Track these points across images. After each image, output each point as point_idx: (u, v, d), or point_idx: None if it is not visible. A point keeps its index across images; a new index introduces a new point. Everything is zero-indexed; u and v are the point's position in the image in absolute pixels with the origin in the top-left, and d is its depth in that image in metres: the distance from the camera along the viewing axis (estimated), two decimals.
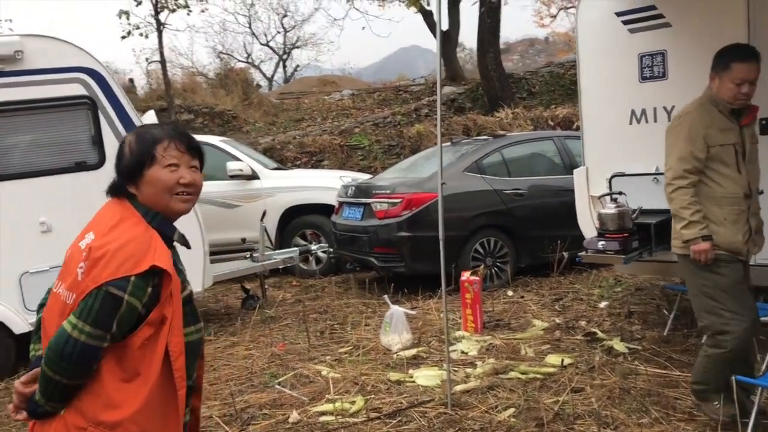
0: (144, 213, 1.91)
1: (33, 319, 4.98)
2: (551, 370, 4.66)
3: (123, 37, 16.18)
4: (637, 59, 5.24)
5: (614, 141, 5.45)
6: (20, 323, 5.23)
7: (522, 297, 6.75)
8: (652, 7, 5.14)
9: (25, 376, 1.90)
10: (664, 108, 5.14)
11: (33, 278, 5.19)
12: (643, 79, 5.24)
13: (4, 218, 5.21)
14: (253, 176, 8.51)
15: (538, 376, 4.56)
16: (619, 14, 5.32)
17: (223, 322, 6.69)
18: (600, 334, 5.33)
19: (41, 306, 2.04)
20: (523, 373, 4.62)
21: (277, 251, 7.52)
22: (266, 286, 7.63)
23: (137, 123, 5.63)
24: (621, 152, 5.39)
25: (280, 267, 7.29)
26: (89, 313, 1.76)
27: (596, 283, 6.89)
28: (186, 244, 2.03)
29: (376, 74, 37.34)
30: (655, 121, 5.19)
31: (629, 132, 5.33)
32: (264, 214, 7.30)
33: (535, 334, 5.52)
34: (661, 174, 5.10)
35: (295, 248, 7.66)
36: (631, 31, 5.28)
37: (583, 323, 5.70)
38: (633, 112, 5.31)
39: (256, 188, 8.49)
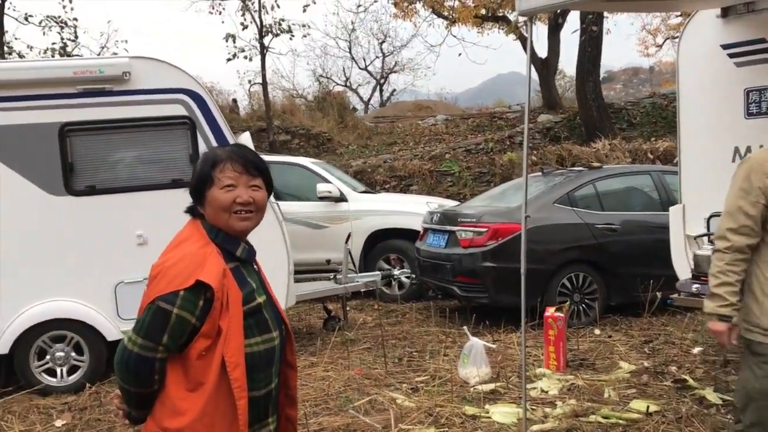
0: (208, 231, 2.00)
1: (125, 327, 5.22)
2: (635, 416, 4.43)
3: (228, 60, 16.85)
4: (743, 94, 4.98)
5: (715, 179, 5.16)
6: (113, 331, 5.48)
7: (609, 336, 6.48)
8: (762, 40, 4.88)
9: None
10: None
11: (127, 288, 5.43)
12: (749, 115, 4.96)
13: (105, 229, 5.49)
14: (341, 198, 8.63)
15: (621, 422, 4.35)
16: (725, 47, 5.08)
17: (304, 342, 6.77)
18: (691, 382, 5.03)
19: None
20: (604, 418, 4.42)
21: (360, 274, 7.57)
22: (348, 308, 7.69)
23: (232, 143, 5.83)
24: (721, 191, 5.07)
25: (362, 290, 7.33)
26: (141, 327, 1.89)
27: (691, 327, 6.52)
28: (250, 258, 2.07)
29: (472, 100, 37.26)
30: None
31: (731, 170, 5.02)
32: (349, 236, 7.37)
33: (621, 377, 5.27)
34: None
35: (378, 272, 7.69)
36: (738, 64, 5.03)
37: (673, 369, 5.40)
38: (737, 150, 5.03)
39: (344, 210, 8.60)
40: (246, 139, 6.75)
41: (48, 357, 5.51)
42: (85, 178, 5.56)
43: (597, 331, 6.64)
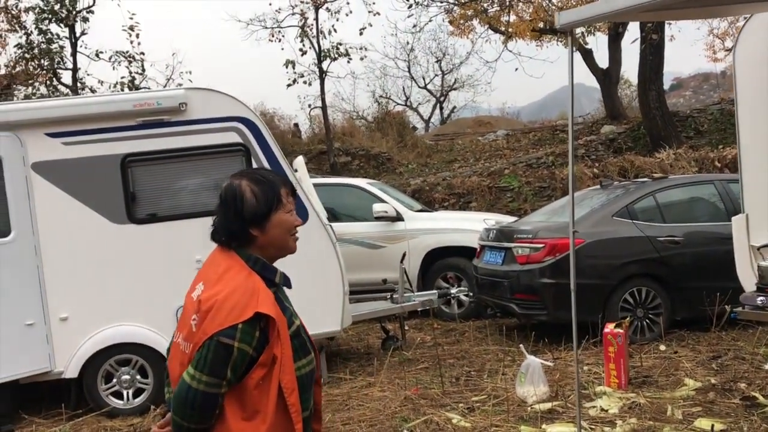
0: (246, 259, 2.03)
1: None
2: None
3: (288, 85, 17.25)
4: None
5: None
6: None
7: (675, 352, 6.26)
8: None
9: (162, 421, 2.10)
10: None
11: None
12: None
13: (165, 255, 5.68)
14: (398, 218, 8.66)
15: None
16: None
17: (362, 362, 6.81)
18: (761, 399, 4.81)
19: (167, 351, 2.21)
20: None
21: (416, 293, 7.56)
22: (406, 328, 7.69)
23: (286, 169, 5.97)
24: None
25: (420, 309, 7.32)
26: (205, 364, 1.90)
27: (762, 342, 6.24)
28: (288, 284, 2.12)
29: (536, 113, 36.86)
30: None
31: None
32: (404, 255, 7.39)
33: (686, 395, 5.08)
34: None
35: (435, 291, 7.67)
36: None
37: (742, 386, 5.17)
38: None
39: (400, 230, 8.63)
40: (300, 163, 6.90)
41: (114, 380, 5.72)
42: (146, 206, 5.78)
43: (662, 347, 6.42)
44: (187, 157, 5.80)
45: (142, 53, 17.00)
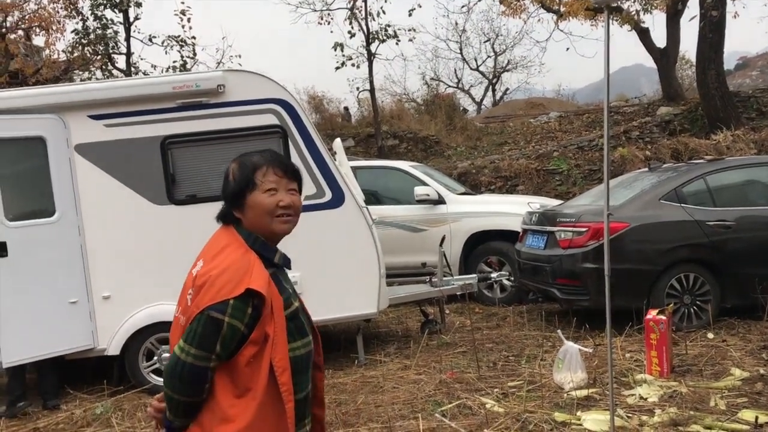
0: (246, 237, 2.02)
1: None
2: (742, 427, 4.10)
3: (337, 68, 17.25)
4: None
5: None
6: None
7: (724, 341, 6.03)
8: None
9: (159, 395, 2.09)
10: None
11: None
12: None
13: (205, 235, 5.74)
14: (440, 201, 8.58)
15: None
16: None
17: (399, 345, 6.79)
18: None
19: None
20: (706, 428, 4.11)
21: (456, 277, 7.49)
22: (448, 312, 7.63)
23: (323, 151, 5.96)
24: None
25: (459, 293, 7.25)
26: (194, 337, 1.90)
27: None
28: (288, 265, 2.10)
29: (593, 95, 35.99)
30: None
31: None
32: (443, 239, 7.30)
33: (732, 384, 4.89)
34: None
35: (474, 275, 7.58)
36: None
37: None
38: None
39: (442, 213, 8.55)
40: (338, 145, 6.89)
41: (155, 358, 5.85)
42: (186, 187, 5.86)
43: (710, 335, 6.19)
44: (225, 139, 5.84)
45: (194, 37, 17.29)
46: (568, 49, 19.10)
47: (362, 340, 6.36)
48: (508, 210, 8.47)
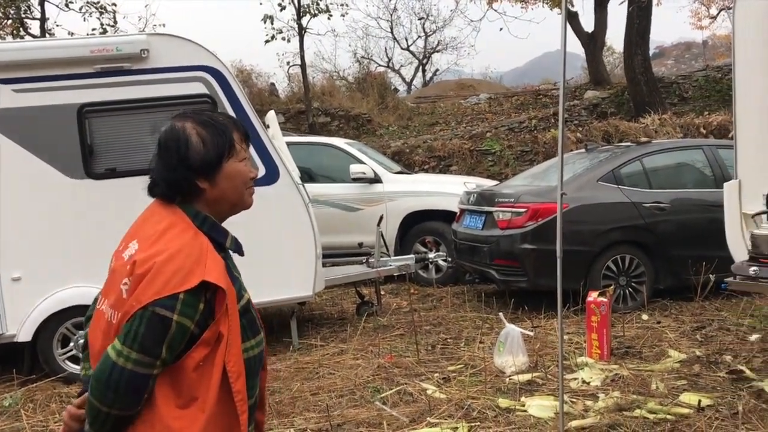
0: (193, 216, 1.71)
1: None
2: (685, 411, 4.07)
3: (267, 41, 16.67)
4: None
5: None
6: None
7: (658, 322, 6.07)
8: None
9: (78, 400, 1.75)
10: None
11: None
12: None
13: (126, 213, 5.30)
14: (376, 179, 8.35)
15: (669, 417, 3.99)
16: None
17: (335, 328, 6.55)
18: (748, 373, 4.62)
19: (88, 319, 1.88)
20: (651, 412, 4.06)
21: (393, 258, 7.29)
22: (382, 293, 7.44)
23: (256, 123, 5.61)
24: None
25: (396, 274, 7.06)
26: (135, 338, 1.57)
27: (748, 312, 6.07)
28: (240, 250, 1.81)
29: (519, 78, 36.48)
30: None
31: None
32: (381, 219, 7.09)
33: (670, 367, 4.89)
34: None
35: (412, 256, 7.40)
36: None
37: (728, 358, 4.99)
38: None
39: (378, 192, 8.32)
40: (272, 118, 6.54)
41: (72, 344, 5.41)
42: (105, 160, 5.42)
43: (645, 317, 6.23)
44: (149, 108, 5.41)
45: (114, 4, 16.33)
46: (501, 29, 19.09)
47: (296, 323, 6.09)
48: (445, 190, 8.33)
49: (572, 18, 17.82)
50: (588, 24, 18.31)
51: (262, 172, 5.56)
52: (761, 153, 4.81)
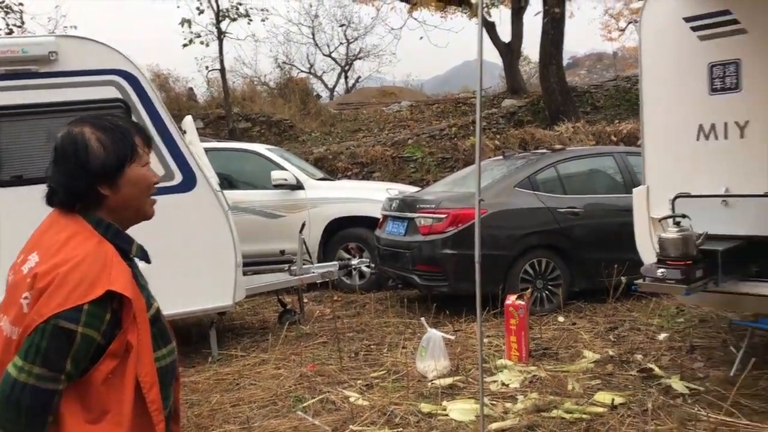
0: (96, 224, 1.64)
1: None
2: (600, 410, 4.20)
3: (185, 45, 16.30)
4: (707, 69, 4.75)
5: (679, 158, 4.96)
6: None
7: (574, 324, 6.27)
8: (727, 12, 4.65)
9: None
10: (736, 123, 4.63)
11: None
12: (714, 91, 4.74)
13: (34, 222, 5.08)
14: (298, 186, 8.28)
15: (585, 416, 4.11)
16: (688, 20, 4.84)
17: (256, 337, 6.44)
18: (657, 371, 4.83)
19: None
20: (567, 412, 4.18)
21: (316, 265, 7.24)
22: (306, 301, 7.38)
23: (172, 129, 5.46)
24: (686, 171, 4.90)
25: (319, 281, 7.01)
26: (37, 353, 1.49)
27: (656, 312, 6.35)
28: (146, 258, 1.75)
29: (440, 87, 36.97)
30: (726, 137, 4.68)
31: (696, 149, 4.83)
32: (303, 225, 7.02)
33: (585, 367, 5.05)
34: (731, 196, 4.61)
35: (335, 262, 7.37)
36: (702, 38, 4.79)
37: (639, 357, 5.20)
38: (701, 127, 4.81)
39: (300, 198, 8.25)
40: (189, 123, 6.39)
41: None
42: (11, 167, 5.15)
43: (561, 319, 6.42)
44: (58, 112, 5.14)
45: (21, 4, 15.60)
46: (422, 37, 19.37)
47: (216, 334, 5.95)
48: (368, 196, 8.34)
49: (490, 28, 18.25)
50: (505, 34, 18.80)
51: (178, 178, 5.42)
52: (667, 160, 5.05)
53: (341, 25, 29.30)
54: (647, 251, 5.00)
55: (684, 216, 4.52)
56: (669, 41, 4.98)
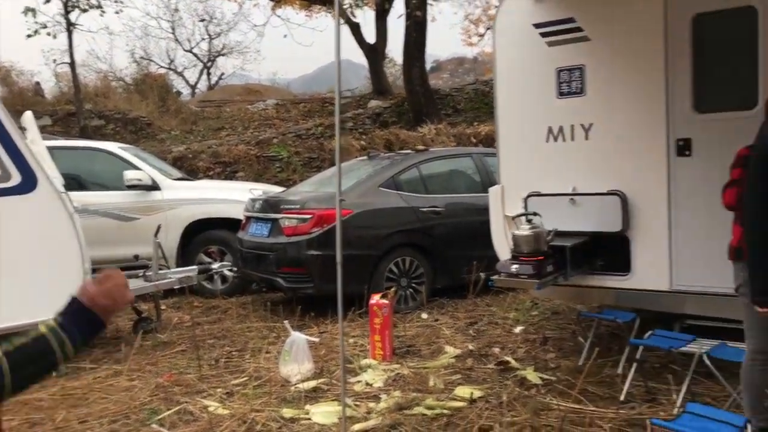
0: None
1: None
2: (459, 404, 4.29)
3: (29, 36, 15.14)
4: (555, 74, 5.00)
5: (531, 159, 5.19)
6: None
7: (436, 320, 6.40)
8: (571, 20, 4.91)
9: None
10: (582, 125, 4.90)
11: None
12: (561, 95, 4.99)
13: None
14: (154, 187, 7.88)
15: (445, 411, 4.18)
16: (537, 26, 5.07)
17: (108, 348, 6.04)
18: (513, 363, 5.01)
19: None
20: (429, 408, 4.23)
21: (173, 269, 6.92)
22: (163, 307, 7.03)
23: (9, 126, 5.00)
24: (538, 171, 5.14)
25: (177, 287, 6.70)
26: None
27: (513, 306, 6.62)
28: None
29: (306, 86, 36.80)
30: (572, 139, 4.95)
31: (546, 150, 5.07)
32: (158, 228, 6.69)
33: (446, 363, 5.15)
34: (578, 195, 4.87)
35: (194, 267, 7.08)
36: (550, 44, 5.03)
37: (496, 350, 5.38)
38: (550, 130, 5.05)
39: (156, 200, 7.86)
40: (29, 120, 5.90)
41: None
42: None
43: (424, 315, 6.53)
44: None
45: None
46: (285, 36, 19.17)
47: None
48: (230, 197, 8.09)
49: (355, 29, 18.35)
50: (370, 35, 18.98)
51: (16, 179, 4.98)
52: (520, 160, 5.26)
53: (202, 20, 28.40)
54: (503, 248, 5.19)
55: (535, 214, 4.72)
56: (520, 46, 5.19)
